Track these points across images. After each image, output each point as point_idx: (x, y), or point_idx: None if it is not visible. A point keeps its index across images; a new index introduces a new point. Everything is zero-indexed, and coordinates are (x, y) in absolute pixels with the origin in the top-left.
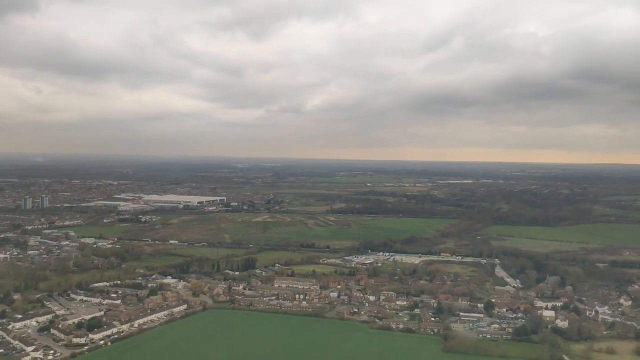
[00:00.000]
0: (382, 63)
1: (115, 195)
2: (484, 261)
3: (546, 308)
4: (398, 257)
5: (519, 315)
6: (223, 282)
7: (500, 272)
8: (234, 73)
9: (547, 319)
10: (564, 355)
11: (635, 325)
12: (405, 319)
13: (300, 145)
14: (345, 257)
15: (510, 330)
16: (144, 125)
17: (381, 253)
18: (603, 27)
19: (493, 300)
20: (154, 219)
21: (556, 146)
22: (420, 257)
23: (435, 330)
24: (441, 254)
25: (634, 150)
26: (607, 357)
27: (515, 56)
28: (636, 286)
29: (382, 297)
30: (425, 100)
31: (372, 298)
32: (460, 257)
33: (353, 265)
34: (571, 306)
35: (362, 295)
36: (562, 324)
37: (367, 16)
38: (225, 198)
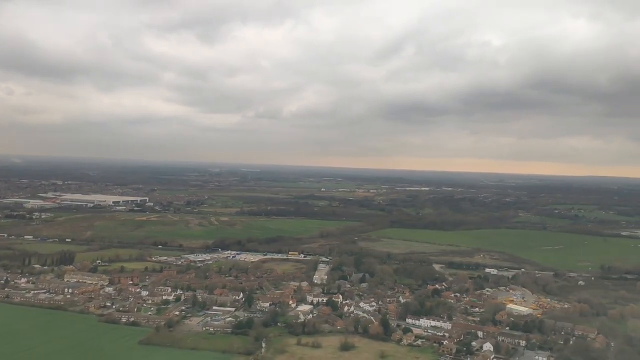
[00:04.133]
0: (349, 70)
1: (40, 194)
2: (321, 258)
3: (311, 303)
4: (242, 256)
5: (277, 309)
6: (8, 276)
7: (323, 269)
8: (199, 76)
9: (299, 313)
10: (263, 347)
11: (374, 320)
12: (150, 313)
13: (289, 152)
14: (184, 255)
15: None
16: (127, 129)
17: (228, 251)
18: (559, 37)
19: (254, 295)
20: (43, 216)
21: (549, 158)
22: (265, 255)
23: (163, 323)
24: (289, 252)
25: (623, 163)
26: (304, 350)
27: (474, 66)
28: (436, 285)
29: (153, 292)
30: (397, 108)
31: (145, 293)
32: (303, 256)
33: (179, 262)
34: (335, 300)
35: (137, 290)
36: (307, 318)
37: (318, 22)
38: (147, 198)
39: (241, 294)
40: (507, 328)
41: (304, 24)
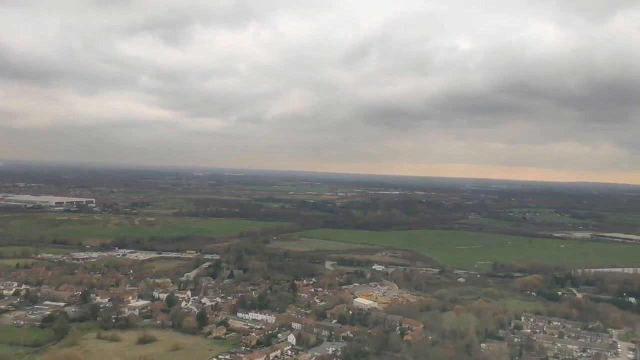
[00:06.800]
0: (326, 74)
1: None
2: (207, 256)
3: (153, 298)
4: (135, 254)
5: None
6: None
7: (205, 266)
8: (173, 79)
9: (126, 309)
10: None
11: (195, 310)
12: None
13: (277, 157)
14: (73, 253)
15: None
16: (115, 133)
17: (123, 250)
18: (528, 42)
19: (91, 291)
20: None
21: (542, 165)
22: (159, 254)
23: None
24: (187, 251)
25: (617, 170)
26: (99, 343)
27: (445, 70)
28: (304, 280)
29: None
30: (379, 113)
31: None
32: (199, 254)
33: (61, 260)
34: (176, 296)
35: None
36: (130, 312)
37: (284, 26)
38: (93, 200)
39: (84, 289)
40: (334, 321)
41: (270, 28)
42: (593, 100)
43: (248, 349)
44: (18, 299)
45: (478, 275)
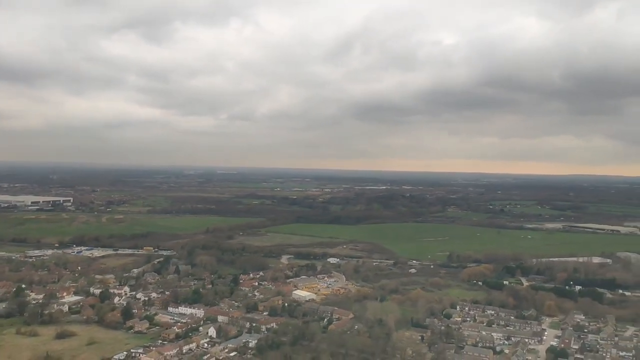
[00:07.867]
0: (311, 70)
1: None
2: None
3: (89, 294)
4: (91, 251)
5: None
6: None
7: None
8: (160, 78)
9: (54, 305)
10: None
11: (141, 303)
12: None
13: (272, 155)
14: (28, 251)
15: None
16: (108, 133)
17: (79, 247)
18: (512, 35)
19: (24, 288)
20: None
21: (540, 158)
22: (116, 251)
23: None
24: (144, 247)
25: (610, 162)
26: (17, 339)
27: (430, 65)
28: (251, 275)
29: None
30: (368, 109)
31: None
32: (155, 251)
33: (13, 258)
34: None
35: None
36: (57, 308)
37: (265, 22)
38: (71, 199)
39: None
40: (266, 313)
41: (252, 24)
42: (578, 92)
43: (165, 342)
44: None
45: (431, 266)
